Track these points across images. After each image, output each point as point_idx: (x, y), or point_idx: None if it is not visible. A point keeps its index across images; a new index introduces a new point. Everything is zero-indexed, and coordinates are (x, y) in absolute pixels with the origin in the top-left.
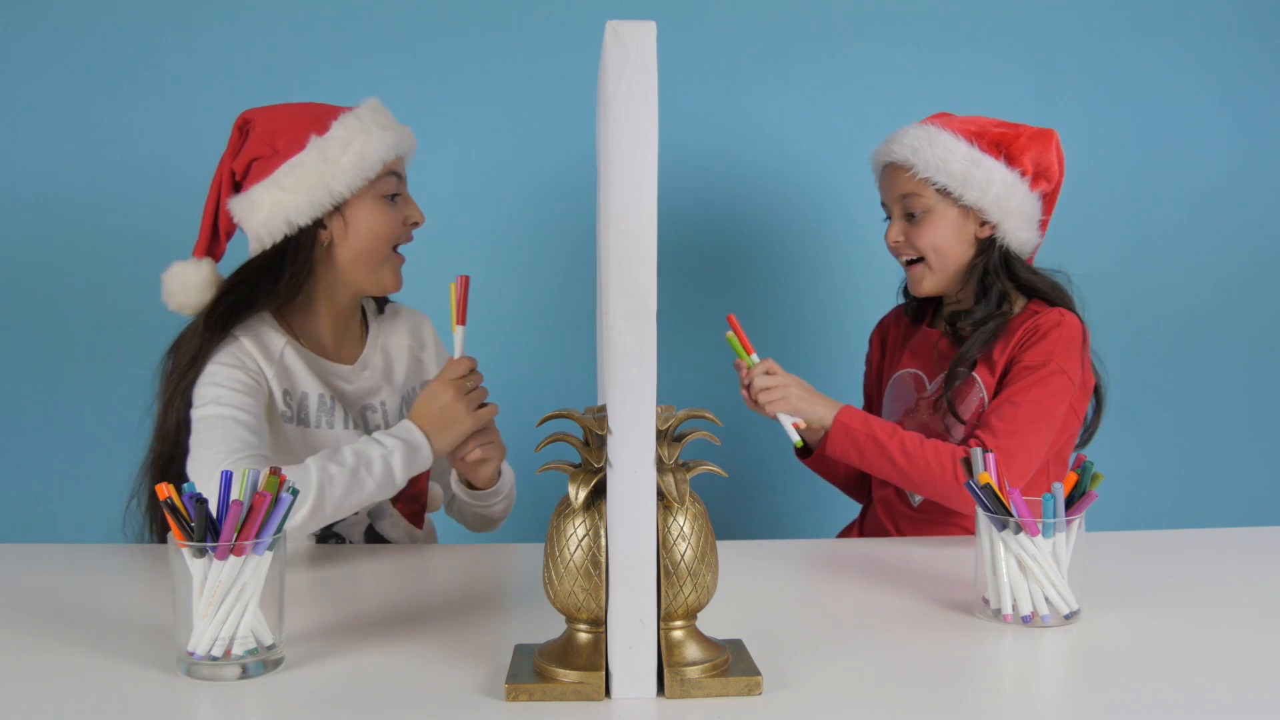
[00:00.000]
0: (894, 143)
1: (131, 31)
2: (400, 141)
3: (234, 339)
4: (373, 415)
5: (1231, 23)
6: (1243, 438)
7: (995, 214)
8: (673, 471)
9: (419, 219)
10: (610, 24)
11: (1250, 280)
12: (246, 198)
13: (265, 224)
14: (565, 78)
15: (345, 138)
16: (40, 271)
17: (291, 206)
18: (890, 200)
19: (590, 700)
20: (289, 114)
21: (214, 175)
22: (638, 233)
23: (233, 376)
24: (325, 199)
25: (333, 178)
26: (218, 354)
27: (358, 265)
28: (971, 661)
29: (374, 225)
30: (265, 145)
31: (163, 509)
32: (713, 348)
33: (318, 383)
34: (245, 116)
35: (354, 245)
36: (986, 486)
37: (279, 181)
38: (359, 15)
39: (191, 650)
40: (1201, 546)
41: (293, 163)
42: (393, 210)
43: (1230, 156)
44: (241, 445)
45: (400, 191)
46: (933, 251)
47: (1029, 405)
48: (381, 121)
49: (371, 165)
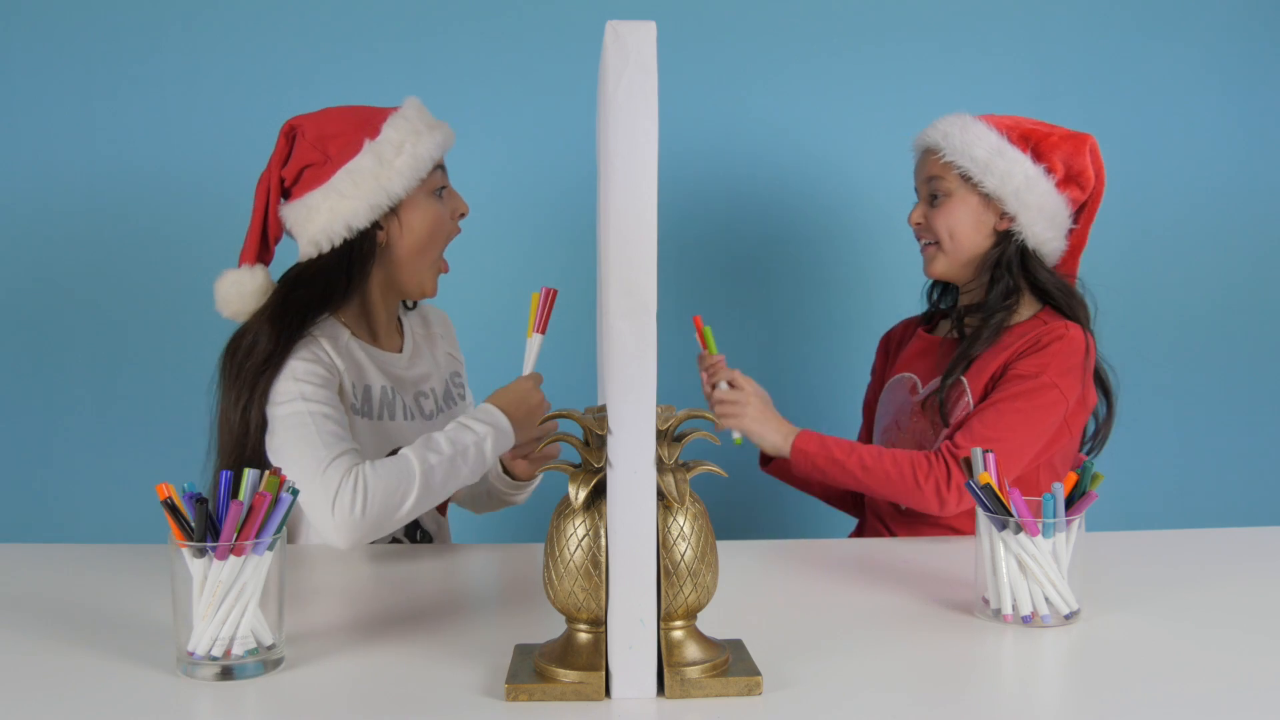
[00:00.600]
0: (930, 127)
1: (131, 29)
2: (446, 138)
3: (310, 335)
4: (425, 401)
5: (1232, 21)
6: (1243, 438)
7: (1013, 205)
8: (673, 471)
9: (465, 209)
10: (610, 24)
11: (1251, 280)
12: (302, 204)
13: (324, 229)
14: (565, 78)
15: (398, 139)
16: (40, 272)
17: (350, 211)
18: (919, 182)
19: (590, 700)
20: (338, 119)
21: (259, 182)
22: (638, 233)
23: (313, 372)
24: (384, 201)
25: (390, 180)
26: (305, 365)
27: (411, 262)
28: (971, 661)
29: (428, 221)
30: (317, 152)
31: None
32: None
33: (380, 374)
34: (292, 124)
35: (409, 243)
36: (986, 486)
37: (337, 188)
38: (358, 15)
39: (191, 650)
40: (1201, 546)
41: (349, 168)
42: (441, 205)
43: (1230, 155)
44: (336, 441)
45: (445, 184)
46: (948, 235)
47: (1013, 413)
48: (427, 120)
49: (424, 164)
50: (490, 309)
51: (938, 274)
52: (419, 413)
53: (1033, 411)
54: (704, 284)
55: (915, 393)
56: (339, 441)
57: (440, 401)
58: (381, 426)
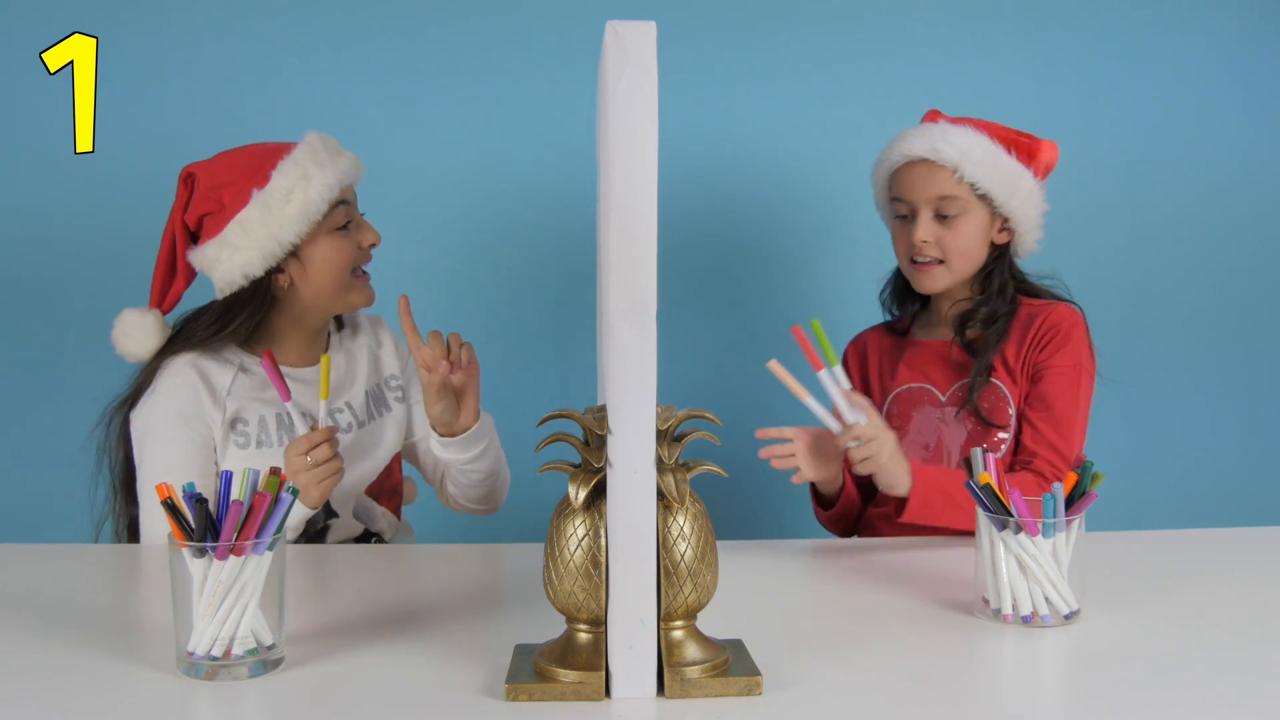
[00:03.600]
0: (937, 141)
1: (131, 28)
2: (342, 175)
3: (186, 386)
4: (341, 416)
5: (1232, 17)
6: (1243, 438)
7: (1023, 222)
8: (673, 471)
9: (374, 240)
10: (610, 24)
11: (1251, 279)
12: (202, 252)
13: (225, 277)
14: (565, 78)
15: (286, 187)
16: (40, 271)
17: (245, 261)
18: (918, 198)
19: (590, 700)
20: (229, 166)
21: (165, 229)
22: (638, 233)
23: (179, 434)
24: (276, 249)
25: (280, 229)
26: (163, 416)
27: (321, 297)
28: (971, 661)
29: (330, 258)
30: (211, 200)
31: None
32: (713, 348)
33: (265, 406)
34: (188, 170)
35: (315, 281)
36: (986, 486)
37: (228, 240)
38: (358, 15)
39: (191, 650)
40: (1201, 546)
41: (239, 219)
42: (346, 239)
43: (1231, 153)
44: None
45: (351, 218)
46: (961, 256)
47: (1073, 410)
48: (320, 160)
49: (316, 208)
50: (490, 309)
51: (938, 290)
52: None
53: (1083, 400)
54: (704, 283)
55: (936, 402)
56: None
57: (359, 414)
58: (281, 453)
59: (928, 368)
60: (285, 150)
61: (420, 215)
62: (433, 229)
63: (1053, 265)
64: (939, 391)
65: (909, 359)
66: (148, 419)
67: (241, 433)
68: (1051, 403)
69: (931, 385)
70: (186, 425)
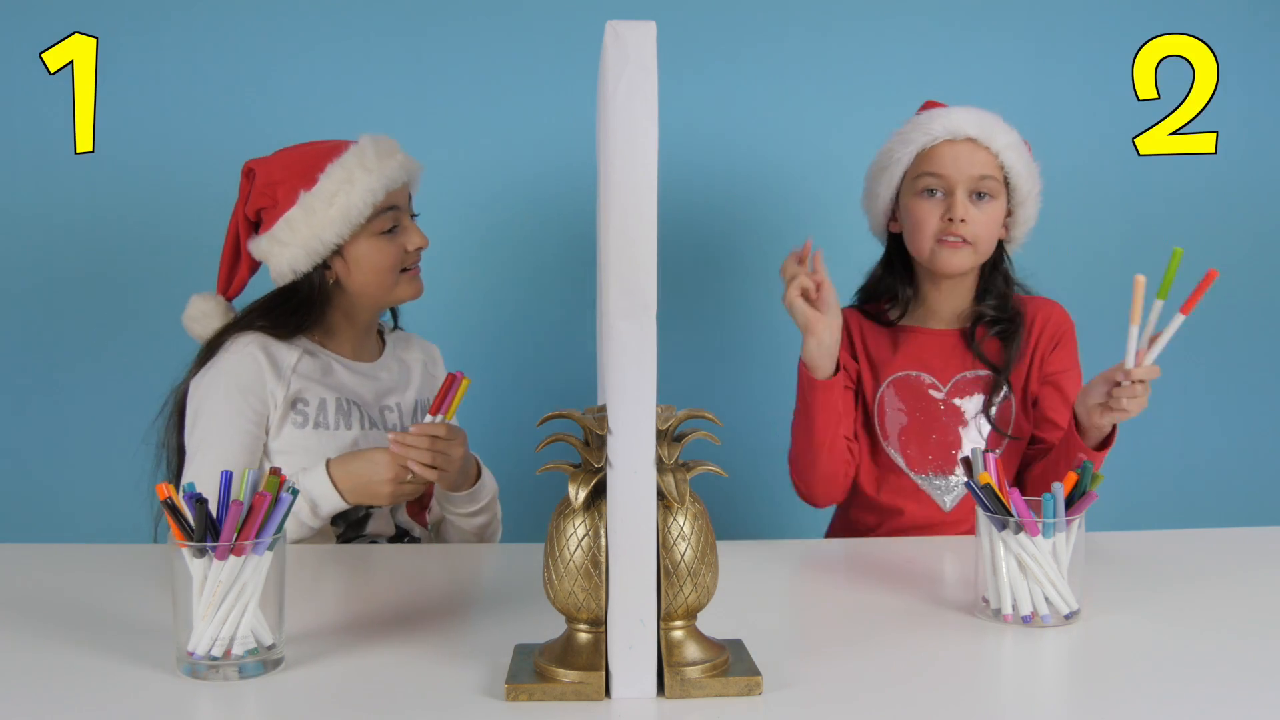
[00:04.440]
0: (986, 123)
1: (130, 28)
2: (389, 180)
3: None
4: (389, 414)
5: (1232, 16)
6: (1243, 438)
7: (1024, 222)
8: (673, 471)
9: (421, 244)
10: (610, 24)
11: (1250, 278)
12: (258, 244)
13: (275, 269)
14: (565, 78)
15: (330, 190)
16: (42, 272)
17: (292, 258)
18: (958, 176)
19: (590, 700)
20: (284, 164)
21: (230, 219)
22: (638, 233)
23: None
24: (319, 248)
25: (322, 229)
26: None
27: (367, 293)
28: (971, 661)
29: (374, 261)
30: (266, 196)
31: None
32: (713, 348)
33: (335, 388)
34: (249, 166)
35: (359, 280)
36: (986, 486)
37: (277, 236)
38: (358, 15)
39: (191, 650)
40: (1201, 546)
41: (286, 218)
42: (390, 242)
43: (1232, 151)
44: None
45: (399, 222)
46: (987, 238)
47: None
48: (366, 165)
49: (358, 212)
50: (490, 309)
51: (959, 272)
52: (381, 424)
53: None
54: (705, 283)
55: (935, 391)
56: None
57: (405, 417)
58: (336, 436)
59: (926, 357)
60: (338, 151)
61: (419, 216)
62: (432, 229)
63: (1053, 265)
64: (939, 382)
65: (905, 347)
66: (208, 388)
67: (301, 412)
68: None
69: (931, 375)
70: (244, 399)
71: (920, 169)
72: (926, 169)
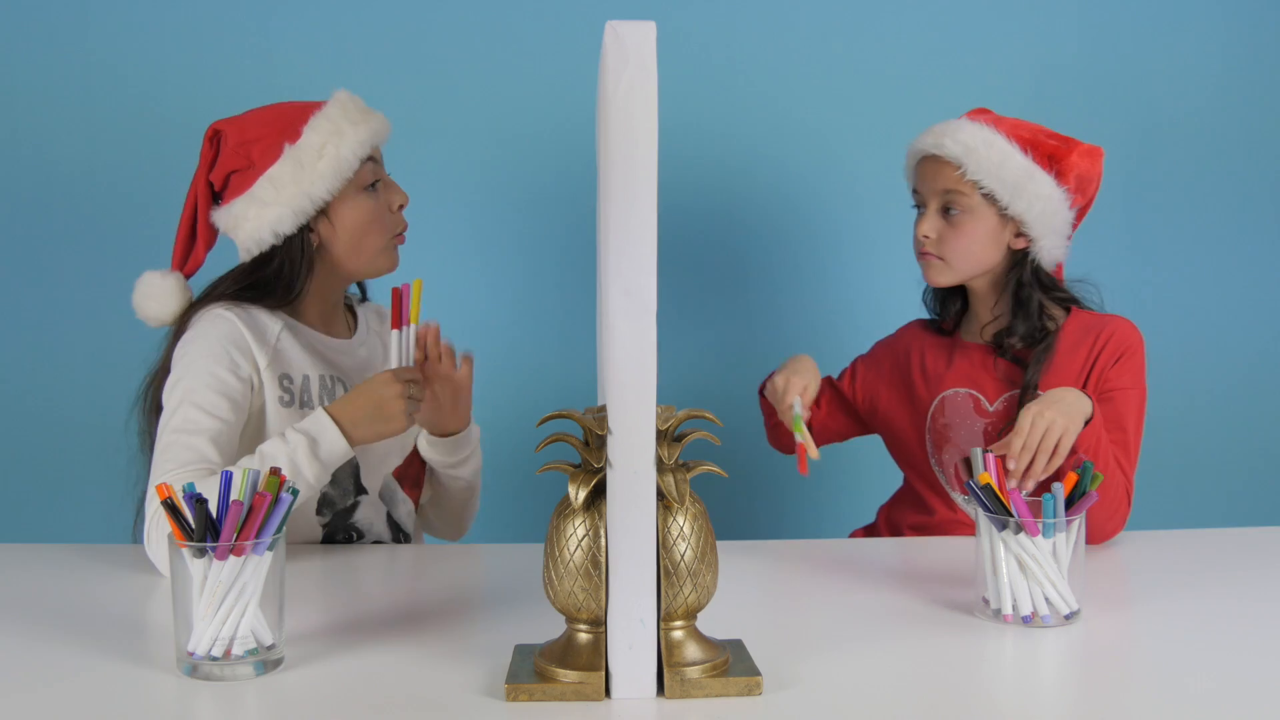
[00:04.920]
0: (944, 136)
1: (125, 26)
2: (374, 133)
3: (229, 322)
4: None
5: (1233, 17)
6: (1243, 437)
7: (1037, 229)
8: (673, 471)
9: (404, 200)
10: (610, 24)
11: (1250, 277)
12: (228, 211)
13: (252, 236)
14: (565, 78)
15: (318, 142)
16: (39, 269)
17: (275, 218)
18: (928, 191)
19: (590, 700)
20: (260, 121)
21: (189, 189)
22: (638, 233)
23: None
24: (307, 206)
25: (311, 185)
26: (206, 339)
27: (352, 258)
28: (971, 661)
29: (361, 218)
30: (240, 157)
31: (163, 509)
32: (713, 348)
33: (319, 364)
34: (215, 127)
35: (345, 242)
36: (986, 486)
37: (258, 196)
38: (358, 15)
39: (191, 650)
40: (1201, 546)
41: (270, 174)
42: (375, 199)
43: (1232, 149)
44: (195, 459)
45: (379, 177)
46: (962, 255)
47: (1136, 426)
48: (352, 117)
49: (348, 164)
50: (490, 309)
51: (944, 284)
52: None
53: (1141, 417)
54: (705, 283)
55: (983, 411)
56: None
57: None
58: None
59: (975, 373)
60: (316, 107)
61: (420, 216)
62: (432, 229)
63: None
64: (986, 400)
65: (957, 362)
66: (181, 354)
67: (287, 389)
68: (1125, 425)
69: (980, 393)
70: (224, 351)
71: (913, 179)
72: (912, 184)
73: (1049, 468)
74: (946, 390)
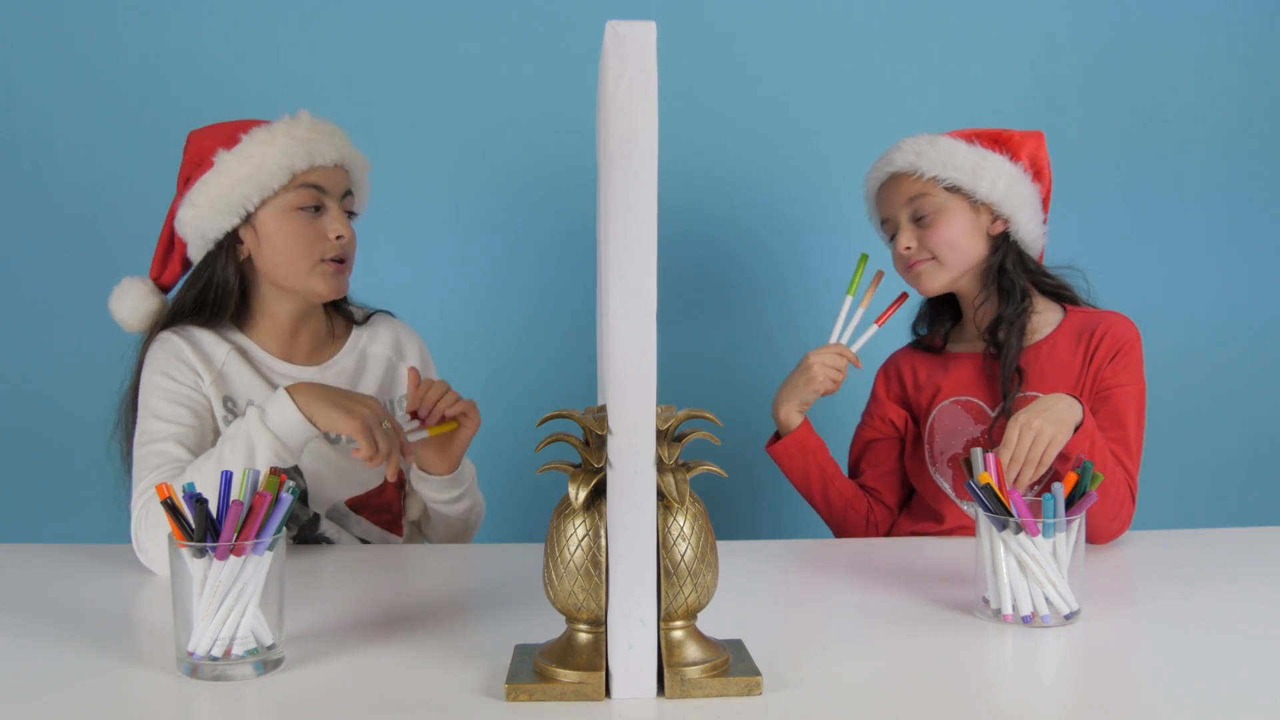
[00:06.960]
0: (891, 155)
1: (124, 27)
2: (316, 154)
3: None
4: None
5: (1234, 9)
6: (1243, 437)
7: (1008, 206)
8: (673, 471)
9: (342, 233)
10: (610, 24)
11: (1250, 277)
12: (179, 215)
13: (190, 238)
14: (565, 78)
15: (249, 150)
16: (39, 269)
17: (205, 221)
18: (895, 210)
19: (590, 700)
20: (215, 131)
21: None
22: (638, 233)
23: (166, 389)
24: (225, 209)
25: (231, 189)
26: (156, 360)
27: (278, 275)
28: (971, 661)
29: (285, 236)
30: (190, 164)
31: (163, 509)
32: (713, 348)
33: (266, 389)
34: (188, 135)
35: (269, 257)
36: (986, 486)
37: (191, 199)
38: (358, 15)
39: (191, 650)
40: (1202, 546)
41: (202, 179)
42: (306, 222)
43: (1231, 149)
44: (163, 461)
45: (322, 204)
46: (948, 249)
47: (1137, 424)
48: (294, 133)
49: (271, 175)
50: (490, 309)
51: (937, 290)
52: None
53: (1142, 413)
54: (705, 283)
55: (985, 417)
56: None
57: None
58: None
59: (971, 380)
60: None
61: (420, 215)
62: (432, 229)
63: (1050, 262)
64: (986, 405)
65: (952, 373)
66: (144, 373)
67: (231, 410)
68: (1124, 422)
69: (978, 399)
70: (176, 368)
71: (878, 215)
72: (879, 214)
73: (1034, 476)
74: (945, 401)
